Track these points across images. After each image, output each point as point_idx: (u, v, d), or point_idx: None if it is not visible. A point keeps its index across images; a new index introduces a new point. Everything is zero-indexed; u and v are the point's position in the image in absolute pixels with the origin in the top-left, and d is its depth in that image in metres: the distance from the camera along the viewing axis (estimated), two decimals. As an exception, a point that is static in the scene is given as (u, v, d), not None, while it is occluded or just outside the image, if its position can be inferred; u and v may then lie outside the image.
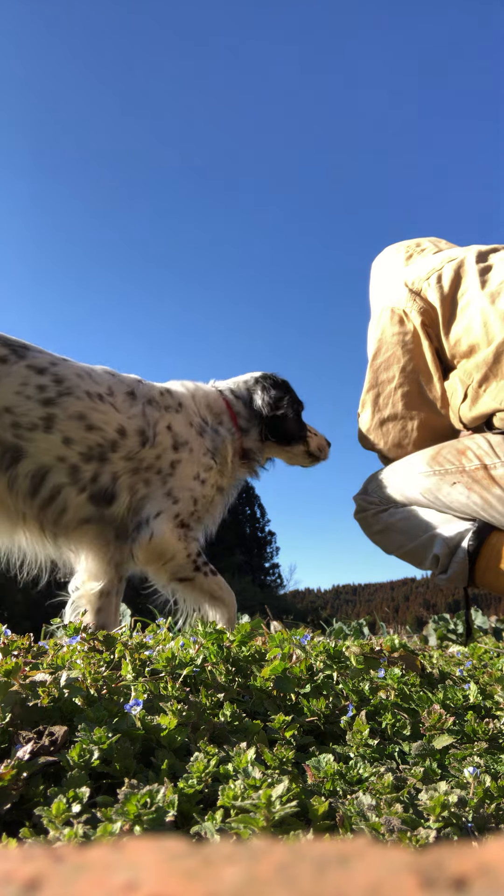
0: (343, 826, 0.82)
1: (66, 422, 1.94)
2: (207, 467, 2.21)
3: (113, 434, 2.02)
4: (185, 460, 2.13)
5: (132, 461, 2.05)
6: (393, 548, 2.37)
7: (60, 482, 1.96)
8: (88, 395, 2.01)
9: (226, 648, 1.42)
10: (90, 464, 1.99)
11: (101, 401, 2.03)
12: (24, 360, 1.95)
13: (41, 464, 1.93)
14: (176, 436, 2.15)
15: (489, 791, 0.91)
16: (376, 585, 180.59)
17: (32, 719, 1.03)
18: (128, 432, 2.05)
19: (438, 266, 2.20)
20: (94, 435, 1.99)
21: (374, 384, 2.28)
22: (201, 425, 2.26)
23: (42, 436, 1.91)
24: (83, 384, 2.02)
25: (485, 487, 2.00)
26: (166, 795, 0.77)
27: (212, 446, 2.26)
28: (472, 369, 2.03)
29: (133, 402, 2.11)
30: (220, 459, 2.28)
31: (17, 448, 1.89)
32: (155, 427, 2.11)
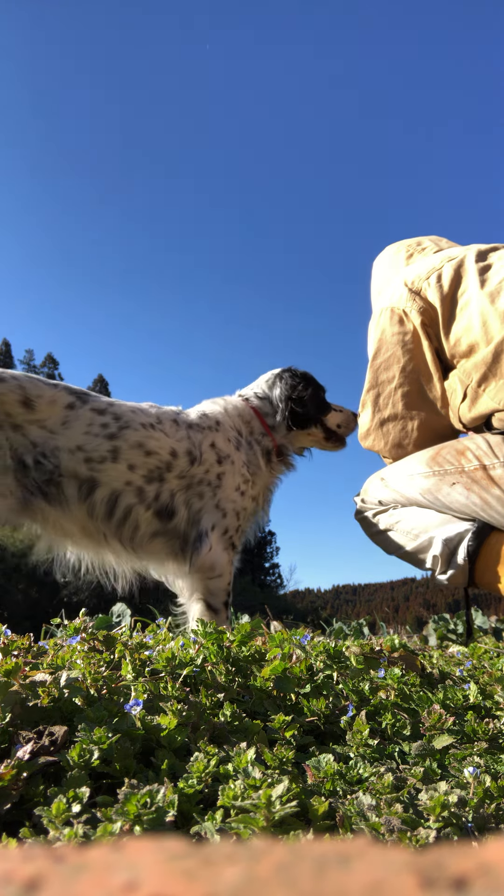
0: (343, 826, 0.82)
1: (129, 451, 2.25)
2: (245, 479, 2.46)
3: (167, 456, 2.32)
4: (228, 472, 2.41)
5: (185, 479, 2.35)
6: (393, 548, 2.37)
7: (130, 503, 2.26)
8: (143, 426, 2.31)
9: (226, 648, 1.42)
10: (152, 484, 2.29)
11: (153, 429, 2.33)
12: (87, 404, 2.26)
13: (113, 489, 2.23)
14: (219, 451, 2.43)
15: (489, 791, 0.91)
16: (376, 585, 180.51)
17: (32, 719, 1.03)
18: (178, 453, 2.35)
19: (438, 265, 2.19)
20: (153, 459, 2.29)
21: (374, 384, 2.27)
22: (237, 439, 2.52)
23: (111, 465, 2.21)
24: (137, 418, 2.32)
25: (484, 488, 2.00)
26: (166, 795, 0.77)
27: (247, 458, 2.51)
28: (471, 369, 2.03)
29: (178, 428, 2.40)
30: (253, 469, 2.52)
31: (91, 479, 2.20)
32: (200, 447, 2.40)
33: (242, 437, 2.54)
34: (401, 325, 2.19)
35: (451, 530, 2.14)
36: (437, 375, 2.17)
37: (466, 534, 2.10)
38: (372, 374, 2.27)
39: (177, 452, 2.34)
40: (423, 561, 2.27)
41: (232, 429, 2.52)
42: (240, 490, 2.42)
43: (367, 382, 2.30)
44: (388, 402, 2.25)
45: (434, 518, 2.20)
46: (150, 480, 2.29)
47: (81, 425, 2.19)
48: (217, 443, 2.43)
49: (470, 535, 2.09)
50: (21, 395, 2.13)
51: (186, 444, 2.38)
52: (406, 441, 2.26)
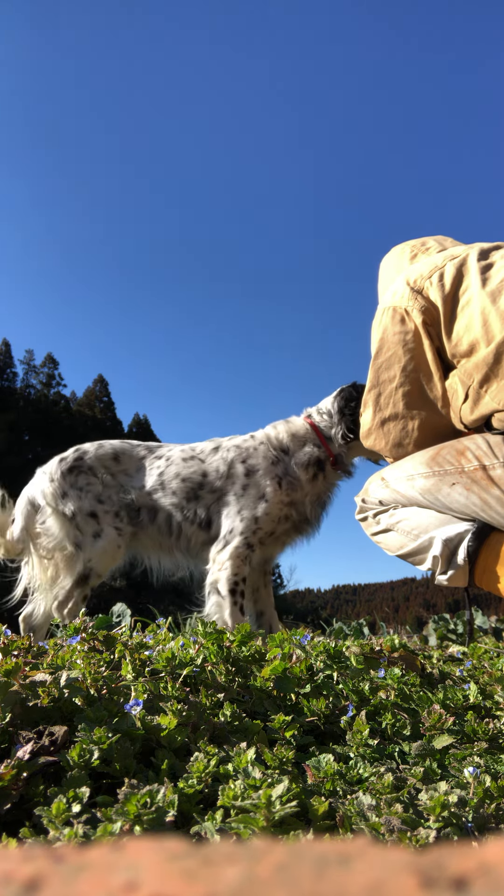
0: (343, 826, 0.82)
1: (170, 482, 2.92)
2: (273, 489, 2.85)
3: (199, 478, 2.91)
4: (252, 484, 2.86)
5: (215, 492, 2.89)
6: (394, 548, 2.36)
7: (179, 519, 2.90)
8: (183, 460, 2.96)
9: (226, 648, 1.42)
10: (190, 503, 2.89)
11: (191, 460, 2.96)
12: (153, 453, 3.05)
13: (168, 513, 2.92)
14: (250, 467, 2.89)
15: (489, 791, 0.91)
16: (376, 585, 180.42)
17: (32, 719, 1.03)
18: (208, 473, 2.91)
19: (441, 264, 2.18)
20: (186, 483, 2.91)
21: (375, 384, 2.27)
22: (275, 457, 2.93)
23: (161, 494, 2.92)
24: (181, 455, 2.99)
25: (483, 488, 1.99)
26: (166, 795, 0.77)
27: (281, 471, 2.90)
28: (472, 369, 2.02)
29: (215, 453, 2.97)
30: (288, 480, 2.88)
31: (153, 506, 2.94)
32: (231, 465, 2.90)
33: (288, 453, 2.94)
34: (402, 325, 2.18)
35: (451, 530, 2.13)
36: (437, 375, 2.17)
37: (466, 534, 2.10)
38: (373, 373, 2.27)
39: (207, 473, 2.90)
40: (423, 561, 2.26)
41: (275, 448, 2.95)
42: (264, 497, 2.82)
43: (368, 382, 2.30)
44: (389, 401, 2.24)
45: (434, 518, 2.19)
46: (189, 500, 2.88)
47: (146, 470, 2.97)
48: (249, 460, 2.91)
49: (470, 535, 2.08)
50: (112, 452, 3.02)
51: (218, 464, 2.91)
52: (406, 440, 2.26)
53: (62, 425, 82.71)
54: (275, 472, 2.87)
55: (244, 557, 2.77)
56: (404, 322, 2.18)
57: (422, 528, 2.23)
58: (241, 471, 2.87)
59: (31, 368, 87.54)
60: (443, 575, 2.17)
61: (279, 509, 2.84)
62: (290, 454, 2.93)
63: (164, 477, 2.92)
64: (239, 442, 3.00)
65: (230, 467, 2.89)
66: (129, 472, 2.99)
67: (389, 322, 2.22)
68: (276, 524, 2.86)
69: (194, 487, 2.88)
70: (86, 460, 2.97)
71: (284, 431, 2.99)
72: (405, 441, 2.26)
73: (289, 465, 2.91)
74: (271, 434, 3.00)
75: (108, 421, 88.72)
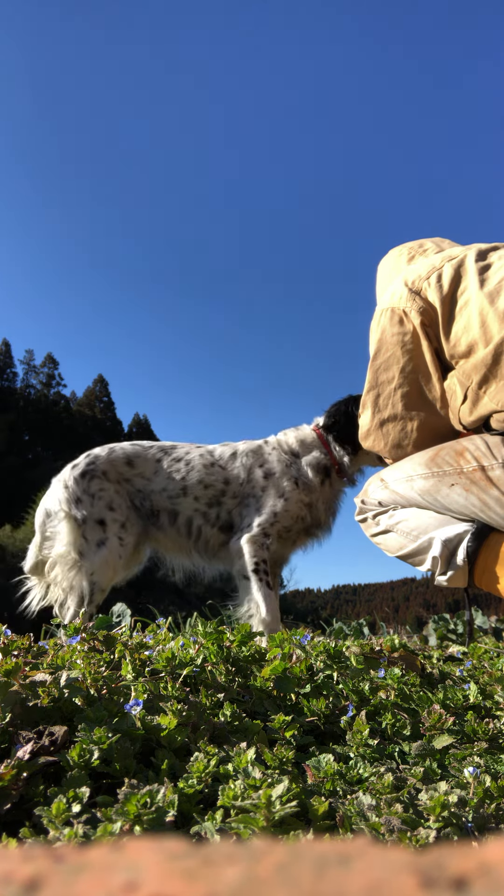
0: (343, 826, 0.82)
1: (193, 488, 3.01)
2: (291, 488, 2.98)
3: (221, 485, 3.03)
4: (270, 485, 3.00)
5: (237, 497, 3.02)
6: (394, 549, 2.36)
7: (200, 523, 3.01)
8: (204, 465, 3.05)
9: (226, 648, 1.42)
10: (213, 508, 3.02)
11: (212, 467, 3.05)
12: (169, 455, 3.09)
13: (188, 516, 3.01)
14: (267, 471, 3.03)
15: (489, 791, 0.91)
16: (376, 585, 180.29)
17: (32, 719, 1.03)
18: (230, 480, 3.04)
19: (439, 265, 2.18)
20: (209, 490, 3.02)
21: (374, 385, 2.27)
22: (288, 460, 3.07)
23: (183, 499, 3.01)
24: (201, 460, 3.06)
25: (482, 489, 1.99)
26: (166, 795, 0.77)
27: (296, 473, 3.03)
28: (470, 370, 2.02)
29: (234, 459, 3.09)
30: (303, 481, 3.01)
31: (174, 510, 3.02)
32: (250, 471, 3.04)
33: (299, 457, 3.08)
34: (401, 326, 2.18)
35: (451, 531, 2.13)
36: (436, 376, 2.17)
37: (466, 535, 2.10)
38: (372, 374, 2.27)
39: (229, 479, 3.04)
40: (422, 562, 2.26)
41: (286, 453, 3.09)
42: (283, 496, 2.96)
43: (367, 383, 2.30)
44: (388, 402, 2.24)
45: (434, 519, 2.19)
46: (211, 505, 3.01)
47: (164, 472, 3.04)
48: (266, 465, 3.06)
49: (469, 536, 2.08)
50: (125, 457, 3.06)
51: (239, 470, 3.05)
52: (406, 442, 2.26)
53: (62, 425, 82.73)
54: (290, 473, 3.03)
55: (260, 543, 2.89)
56: (403, 323, 2.18)
57: (421, 528, 2.23)
58: (260, 475, 3.03)
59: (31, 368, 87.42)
60: (442, 575, 2.17)
61: (298, 507, 2.98)
62: (300, 458, 3.08)
63: (186, 482, 3.02)
64: (255, 448, 3.14)
65: (249, 472, 3.04)
66: (145, 475, 3.05)
67: (388, 323, 2.22)
68: (293, 521, 2.98)
69: (217, 494, 3.03)
70: (98, 465, 3.00)
71: (294, 437, 3.15)
72: (404, 442, 2.26)
73: (301, 467, 3.05)
74: (282, 440, 3.16)
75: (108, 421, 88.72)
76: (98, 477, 2.96)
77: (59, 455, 79.41)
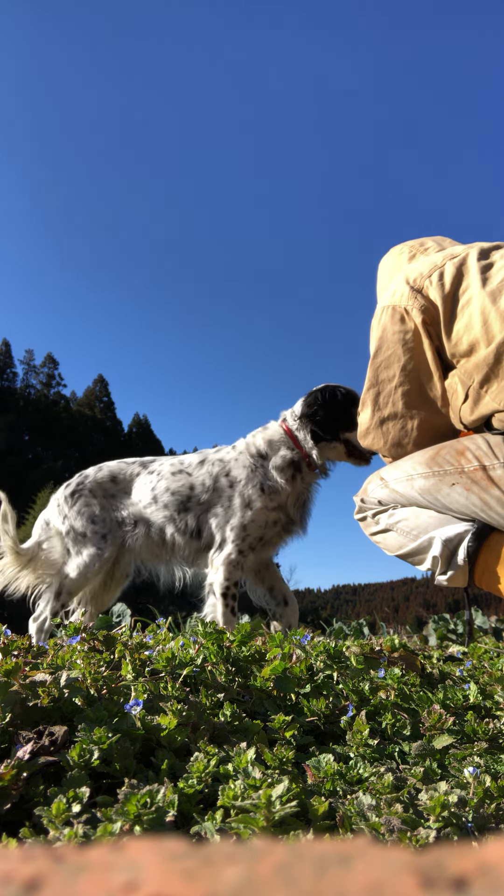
0: (343, 826, 0.82)
1: (161, 495, 3.08)
2: (257, 495, 2.97)
3: (187, 491, 3.05)
4: (236, 493, 2.99)
5: (203, 505, 3.03)
6: (393, 548, 2.36)
7: (172, 531, 3.06)
8: (172, 474, 3.12)
9: (226, 648, 1.42)
10: (181, 514, 3.04)
11: (179, 474, 3.10)
12: (146, 468, 3.21)
13: (160, 526, 3.07)
14: (232, 479, 3.03)
15: (489, 791, 0.91)
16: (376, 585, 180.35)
17: (32, 719, 1.03)
18: (195, 486, 3.05)
19: (440, 263, 2.18)
20: (176, 496, 3.06)
21: (374, 383, 2.27)
22: (254, 465, 3.04)
23: (153, 508, 3.09)
24: (170, 469, 3.14)
25: (483, 489, 1.99)
26: (166, 795, 0.77)
27: (262, 478, 3.01)
28: (472, 369, 2.02)
29: (201, 466, 3.11)
30: (269, 486, 2.99)
31: (148, 520, 3.10)
32: (216, 479, 3.04)
33: (266, 458, 3.05)
34: (402, 324, 2.18)
35: (451, 531, 2.13)
36: (437, 374, 2.17)
37: (466, 534, 2.09)
38: (372, 372, 2.27)
39: (194, 486, 3.05)
40: (422, 561, 2.26)
41: (253, 456, 3.07)
42: (249, 506, 2.95)
43: (367, 381, 2.30)
44: (388, 400, 2.24)
45: (434, 518, 2.19)
46: (179, 512, 3.04)
47: (140, 485, 3.15)
48: (231, 472, 3.05)
49: (470, 535, 2.08)
50: (110, 475, 3.22)
51: (204, 477, 3.06)
52: (406, 440, 2.25)
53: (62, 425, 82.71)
54: (256, 479, 3.02)
55: (236, 563, 2.94)
56: (404, 321, 2.18)
57: (421, 528, 2.22)
58: (225, 483, 3.04)
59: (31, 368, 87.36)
60: (442, 575, 2.17)
61: (265, 515, 2.98)
62: (268, 459, 3.07)
63: (155, 491, 3.10)
64: (223, 455, 3.16)
65: (215, 481, 3.06)
66: (126, 490, 3.21)
67: (389, 321, 2.22)
68: (264, 529, 2.99)
69: (183, 500, 3.06)
70: (86, 484, 3.22)
71: (261, 438, 3.13)
72: (404, 441, 2.26)
73: (267, 470, 3.04)
74: (250, 442, 3.15)
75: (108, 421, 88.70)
76: (85, 495, 3.18)
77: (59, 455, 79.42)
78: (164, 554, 3.11)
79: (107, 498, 3.18)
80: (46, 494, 43.16)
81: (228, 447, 3.21)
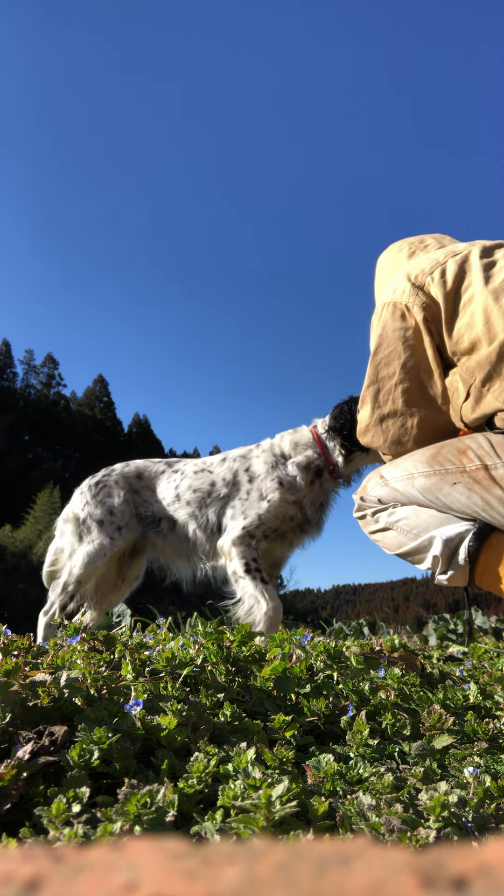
0: (343, 826, 0.82)
1: (184, 493, 3.18)
2: (275, 488, 3.03)
3: (207, 487, 3.15)
4: (255, 488, 3.08)
5: (222, 500, 3.12)
6: (393, 547, 2.36)
7: (194, 527, 3.13)
8: (194, 472, 3.23)
9: (226, 648, 1.42)
10: (201, 510, 3.13)
11: (201, 472, 3.21)
12: (171, 468, 3.32)
13: (184, 522, 3.16)
14: (252, 474, 3.12)
15: (489, 791, 0.91)
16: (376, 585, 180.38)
17: (32, 719, 1.03)
18: (216, 483, 3.15)
19: (442, 260, 2.17)
20: (198, 494, 3.16)
21: (374, 380, 2.26)
22: (275, 461, 3.12)
23: (177, 505, 3.18)
24: (193, 468, 3.25)
25: (485, 488, 1.99)
26: (166, 795, 0.77)
27: (281, 473, 3.08)
28: (474, 368, 2.02)
29: (223, 463, 3.22)
30: (288, 481, 3.06)
31: (171, 517, 3.19)
32: (236, 474, 3.15)
33: (287, 459, 3.13)
34: (403, 321, 2.17)
35: (452, 530, 2.13)
36: (437, 372, 2.16)
37: (467, 534, 2.09)
38: (372, 369, 2.26)
39: (215, 482, 3.14)
40: (422, 560, 2.26)
41: (277, 455, 3.15)
42: (266, 498, 3.02)
43: (367, 378, 2.29)
44: (389, 398, 2.23)
45: (434, 517, 2.19)
46: (200, 508, 3.13)
47: (164, 483, 3.25)
48: (252, 467, 3.15)
49: (471, 535, 2.08)
50: (136, 471, 3.33)
51: (226, 473, 3.15)
52: (406, 438, 2.25)
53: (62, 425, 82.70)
54: (275, 474, 3.08)
55: (247, 544, 2.95)
56: (405, 318, 2.17)
57: (422, 527, 2.22)
58: (245, 478, 3.12)
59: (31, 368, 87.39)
60: (443, 575, 2.17)
61: (284, 507, 3.01)
62: (288, 460, 3.13)
63: (179, 490, 3.19)
64: (244, 452, 3.24)
65: (235, 475, 3.14)
66: (151, 487, 3.30)
67: (389, 317, 2.21)
68: (280, 521, 3.01)
69: (204, 496, 3.15)
70: (112, 476, 3.30)
71: (288, 440, 3.20)
72: (404, 438, 2.25)
73: (287, 467, 3.10)
74: (275, 442, 3.22)
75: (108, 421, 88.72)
76: (109, 486, 3.24)
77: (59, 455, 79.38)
78: (187, 550, 3.17)
79: (130, 492, 3.25)
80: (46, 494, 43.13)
81: (252, 445, 3.29)
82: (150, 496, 3.26)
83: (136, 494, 3.27)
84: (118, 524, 3.13)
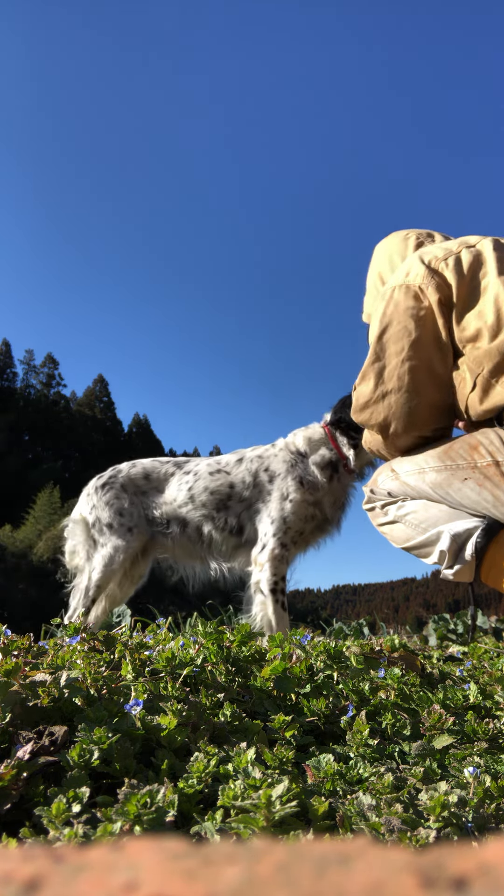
0: (343, 826, 0.82)
1: (199, 495, 3.13)
2: (295, 488, 3.03)
3: (226, 489, 3.11)
4: (276, 488, 3.06)
5: (244, 502, 3.10)
6: (400, 540, 2.35)
7: (209, 529, 3.11)
8: (209, 473, 3.17)
9: (226, 648, 1.42)
10: (220, 513, 3.10)
11: (217, 473, 3.16)
12: (181, 469, 3.25)
13: (197, 524, 3.13)
14: (272, 474, 3.09)
15: (489, 791, 0.91)
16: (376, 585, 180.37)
17: (32, 719, 1.03)
18: (235, 484, 3.12)
19: (456, 250, 2.17)
20: (214, 496, 3.11)
21: (379, 356, 2.23)
22: (294, 460, 3.11)
23: (190, 507, 3.13)
24: (207, 469, 3.19)
25: (496, 485, 1.98)
26: (166, 795, 0.77)
27: (301, 472, 3.07)
28: (482, 357, 2.00)
29: (240, 464, 3.17)
30: (308, 480, 3.05)
31: (184, 519, 3.14)
32: (256, 475, 3.11)
33: (306, 457, 3.12)
34: (416, 301, 2.16)
35: (460, 525, 2.12)
36: (447, 355, 2.15)
37: (476, 530, 2.09)
38: (378, 346, 2.23)
39: (234, 484, 3.11)
40: (429, 554, 2.25)
41: (293, 453, 3.14)
42: (288, 499, 3.01)
43: (371, 355, 2.25)
44: (394, 374, 2.20)
45: (443, 512, 2.18)
46: (219, 510, 3.09)
47: (175, 484, 3.20)
48: (271, 467, 3.12)
49: (479, 531, 2.07)
50: (143, 472, 3.28)
51: (244, 475, 3.12)
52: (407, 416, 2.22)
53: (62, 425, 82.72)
54: (295, 473, 3.07)
55: (281, 558, 2.96)
56: (418, 299, 2.16)
57: (430, 521, 2.22)
58: (265, 479, 3.10)
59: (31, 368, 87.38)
60: (449, 569, 2.17)
61: (304, 508, 3.01)
62: (308, 457, 3.12)
63: (193, 491, 3.14)
64: (261, 452, 3.21)
65: (255, 477, 3.11)
66: (159, 489, 3.25)
67: (402, 298, 2.19)
68: (303, 523, 3.02)
69: (223, 499, 3.11)
70: (119, 478, 3.26)
71: (301, 437, 3.19)
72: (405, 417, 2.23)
73: (307, 466, 3.09)
74: (290, 441, 3.20)
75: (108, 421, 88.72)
76: (116, 488, 3.22)
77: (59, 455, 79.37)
78: (200, 551, 3.15)
79: (137, 494, 3.23)
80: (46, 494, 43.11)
81: (266, 445, 3.27)
82: (158, 497, 3.22)
83: (143, 496, 3.24)
84: (129, 525, 3.12)
